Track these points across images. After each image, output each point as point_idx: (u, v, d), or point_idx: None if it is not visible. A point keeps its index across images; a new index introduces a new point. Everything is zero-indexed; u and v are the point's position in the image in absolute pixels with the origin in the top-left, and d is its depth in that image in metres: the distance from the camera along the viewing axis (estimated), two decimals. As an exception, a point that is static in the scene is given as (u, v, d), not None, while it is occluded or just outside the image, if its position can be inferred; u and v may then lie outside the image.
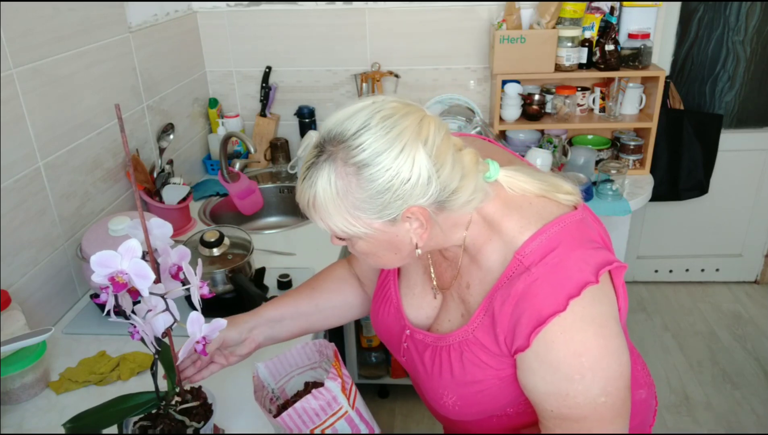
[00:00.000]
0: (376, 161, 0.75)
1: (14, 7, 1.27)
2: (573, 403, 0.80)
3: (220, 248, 1.42)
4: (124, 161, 1.69)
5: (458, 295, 0.93)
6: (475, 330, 0.87)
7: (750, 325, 2.72)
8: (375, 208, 0.77)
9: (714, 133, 2.52)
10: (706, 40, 2.56)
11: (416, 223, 0.80)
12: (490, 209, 0.85)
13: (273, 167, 2.32)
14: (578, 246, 0.81)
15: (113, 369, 1.22)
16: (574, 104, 2.22)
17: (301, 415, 0.86)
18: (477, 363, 0.87)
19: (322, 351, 1.05)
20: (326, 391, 0.87)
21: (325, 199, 0.77)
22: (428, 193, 0.77)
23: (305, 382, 1.06)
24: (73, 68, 1.47)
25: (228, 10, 2.23)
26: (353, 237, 0.82)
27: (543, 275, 0.79)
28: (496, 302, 0.84)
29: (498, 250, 0.85)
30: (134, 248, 0.75)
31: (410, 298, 1.00)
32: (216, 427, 1.01)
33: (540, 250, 0.81)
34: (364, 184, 0.75)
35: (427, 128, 0.78)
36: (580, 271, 0.79)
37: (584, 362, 0.78)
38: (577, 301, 0.77)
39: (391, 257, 0.86)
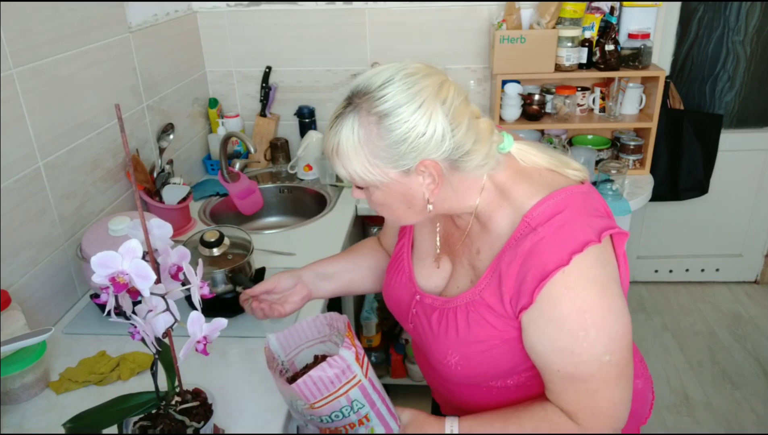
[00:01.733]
0: (396, 112, 0.81)
1: (14, 7, 1.27)
2: (578, 361, 0.84)
3: (220, 248, 1.42)
4: (124, 161, 1.69)
5: (468, 262, 0.97)
6: (482, 291, 0.91)
7: (750, 325, 2.72)
8: (392, 157, 0.83)
9: (714, 133, 2.52)
10: (706, 40, 2.56)
11: (429, 178, 0.86)
12: (503, 177, 0.91)
13: (273, 167, 2.33)
14: (583, 212, 0.87)
15: (113, 369, 1.22)
16: (574, 104, 2.22)
17: (315, 383, 0.87)
18: (482, 323, 0.91)
19: (333, 324, 1.06)
20: (341, 359, 0.88)
21: (347, 146, 0.84)
22: (441, 149, 0.83)
23: (315, 355, 1.07)
24: (73, 68, 1.47)
25: (228, 10, 2.23)
26: (371, 186, 0.88)
27: (549, 235, 0.84)
28: (503, 263, 0.88)
29: (508, 216, 0.90)
30: (135, 249, 0.75)
31: (421, 268, 1.05)
32: (216, 427, 1.02)
33: (547, 213, 0.86)
34: (383, 133, 0.82)
35: (446, 90, 0.85)
36: (584, 232, 0.84)
37: (588, 319, 0.83)
38: (579, 258, 0.82)
39: (404, 211, 0.91)
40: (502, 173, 0.91)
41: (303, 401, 0.89)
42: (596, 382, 0.86)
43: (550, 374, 0.88)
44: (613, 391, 0.87)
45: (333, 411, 0.90)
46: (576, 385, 0.87)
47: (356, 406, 0.90)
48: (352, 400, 0.90)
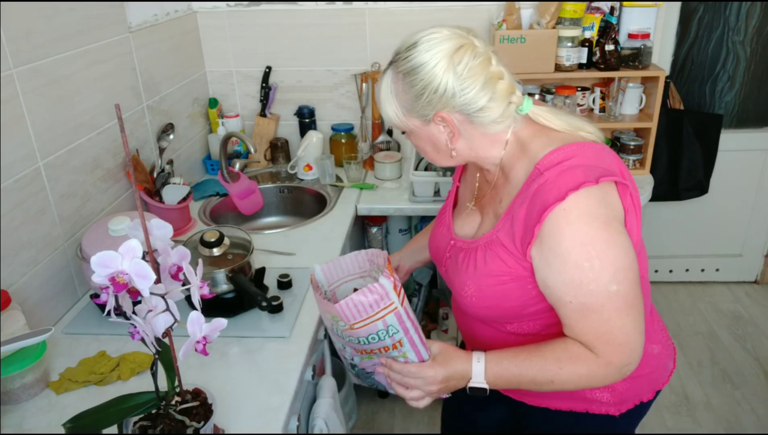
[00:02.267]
0: (415, 71, 0.96)
1: (14, 7, 1.27)
2: (587, 290, 0.92)
3: (220, 248, 1.42)
4: (124, 161, 1.69)
5: (493, 210, 1.09)
6: (498, 232, 1.02)
7: (750, 325, 2.72)
8: (413, 108, 0.99)
9: (714, 133, 2.52)
10: (706, 40, 2.56)
11: (446, 128, 1.00)
12: (524, 133, 1.02)
13: (273, 167, 2.33)
14: (591, 161, 0.95)
15: (113, 369, 1.22)
16: (574, 104, 2.22)
17: (356, 305, 0.95)
18: (496, 260, 1.02)
19: (373, 260, 1.15)
20: (380, 286, 0.95)
21: (382, 96, 1.03)
22: (452, 103, 0.97)
23: (354, 288, 1.13)
24: (73, 68, 1.47)
25: (228, 10, 2.23)
26: (407, 131, 1.05)
27: (552, 177, 0.94)
28: (515, 206, 0.99)
29: (524, 166, 1.01)
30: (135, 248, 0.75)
31: (459, 218, 1.19)
32: (216, 427, 1.02)
33: (555, 160, 0.96)
34: (407, 88, 0.98)
35: (461, 54, 0.95)
36: (583, 174, 0.92)
37: (591, 251, 0.91)
38: (575, 195, 0.90)
39: (434, 153, 1.07)
40: (524, 130, 1.02)
41: (343, 322, 0.98)
42: (607, 312, 0.93)
43: (564, 308, 0.96)
44: (624, 320, 0.94)
45: (370, 333, 0.99)
46: (589, 316, 0.94)
47: (391, 331, 0.98)
48: (387, 325, 0.97)
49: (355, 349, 1.05)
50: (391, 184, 2.14)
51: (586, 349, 0.97)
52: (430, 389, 1.02)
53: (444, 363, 1.02)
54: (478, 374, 1.01)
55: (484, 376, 1.01)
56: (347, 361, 1.13)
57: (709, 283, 3.02)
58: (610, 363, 0.96)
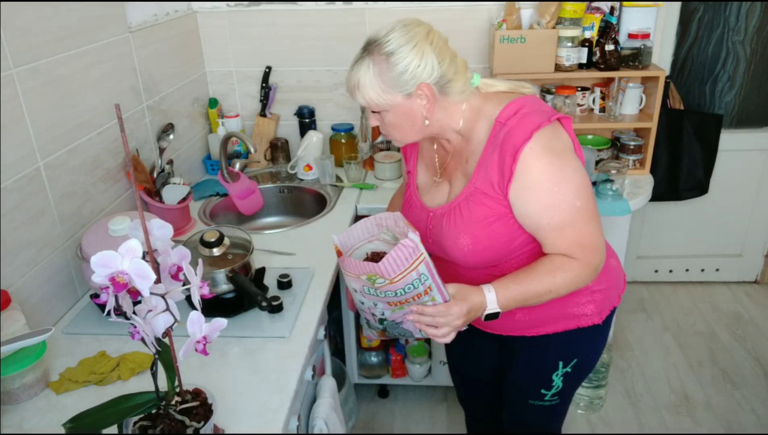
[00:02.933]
0: (399, 50, 1.11)
1: (14, 7, 1.27)
2: (560, 210, 1.12)
3: (220, 248, 1.42)
4: (124, 161, 1.69)
5: (461, 172, 1.24)
6: (475, 182, 1.19)
7: (750, 325, 2.72)
8: (398, 84, 1.13)
9: (714, 133, 2.53)
10: (706, 40, 2.56)
11: (424, 99, 1.15)
12: (476, 101, 1.21)
13: (273, 167, 2.33)
14: (537, 107, 1.17)
15: (113, 369, 1.22)
16: (574, 104, 2.22)
17: (395, 260, 1.06)
18: (479, 206, 1.18)
19: (381, 223, 1.22)
20: (410, 241, 1.06)
21: (365, 79, 1.14)
22: (432, 76, 1.13)
23: (366, 253, 1.23)
24: (73, 68, 1.47)
25: (228, 10, 2.23)
26: (383, 110, 1.17)
27: (515, 124, 1.13)
28: (486, 156, 1.17)
29: (484, 125, 1.19)
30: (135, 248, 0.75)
31: (427, 195, 1.33)
32: (216, 427, 1.02)
33: (511, 112, 1.15)
34: (391, 67, 1.12)
35: (432, 35, 1.16)
36: (539, 117, 1.13)
37: (557, 176, 1.12)
38: (538, 134, 1.10)
39: (409, 129, 1.20)
40: (475, 99, 1.21)
41: (383, 278, 1.09)
42: (578, 224, 1.14)
43: (543, 230, 1.15)
44: (591, 227, 1.16)
45: (407, 284, 1.09)
46: (565, 231, 1.14)
47: (423, 278, 1.09)
48: (420, 273, 1.08)
49: (389, 302, 1.15)
50: (391, 184, 2.14)
51: (567, 257, 1.16)
52: (456, 323, 1.13)
53: (463, 299, 1.14)
54: (491, 302, 1.15)
55: (496, 302, 1.15)
56: (376, 317, 1.21)
57: (709, 283, 3.02)
58: (589, 264, 1.16)
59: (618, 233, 2.30)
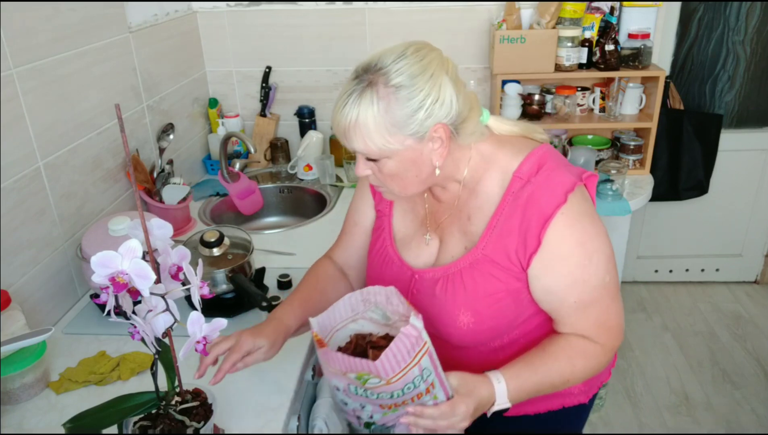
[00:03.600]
0: (412, 83, 0.89)
1: (14, 7, 1.27)
2: (590, 287, 0.96)
3: (220, 248, 1.42)
4: (124, 161, 1.69)
5: (459, 230, 1.05)
6: (484, 248, 0.99)
7: (750, 325, 2.72)
8: (410, 124, 0.90)
9: (714, 133, 2.52)
10: (706, 40, 2.56)
11: (438, 142, 0.93)
12: (486, 146, 1.01)
13: (273, 167, 2.32)
14: (561, 161, 1.00)
15: (113, 369, 1.22)
16: (574, 104, 2.22)
17: (395, 355, 0.86)
18: (488, 278, 0.99)
19: (369, 299, 1.02)
20: (412, 328, 0.87)
21: (367, 118, 0.89)
22: (450, 113, 0.92)
23: (350, 335, 1.03)
24: (73, 68, 1.47)
25: (228, 10, 2.23)
26: (384, 156, 0.93)
27: (542, 182, 0.96)
28: (503, 218, 0.98)
29: (496, 178, 1.00)
30: (135, 249, 0.75)
31: (407, 252, 1.11)
32: (216, 427, 1.02)
33: (534, 167, 0.97)
34: (403, 103, 0.89)
35: (447, 61, 0.94)
36: (568, 176, 0.97)
37: (588, 248, 0.95)
38: (573, 196, 0.94)
39: (413, 179, 0.97)
40: (484, 143, 1.01)
41: (378, 378, 0.87)
42: (605, 302, 0.98)
43: (568, 308, 0.98)
44: (617, 304, 1.01)
45: (406, 383, 0.89)
46: (590, 310, 0.98)
47: (426, 374, 0.90)
48: (423, 368, 0.89)
49: (382, 405, 0.93)
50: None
51: (587, 340, 1.00)
52: (461, 426, 0.94)
53: (469, 394, 0.94)
54: (501, 395, 0.96)
55: (506, 395, 0.96)
56: (362, 420, 0.99)
57: (709, 283, 3.02)
58: (611, 349, 1.02)
59: (618, 233, 2.31)
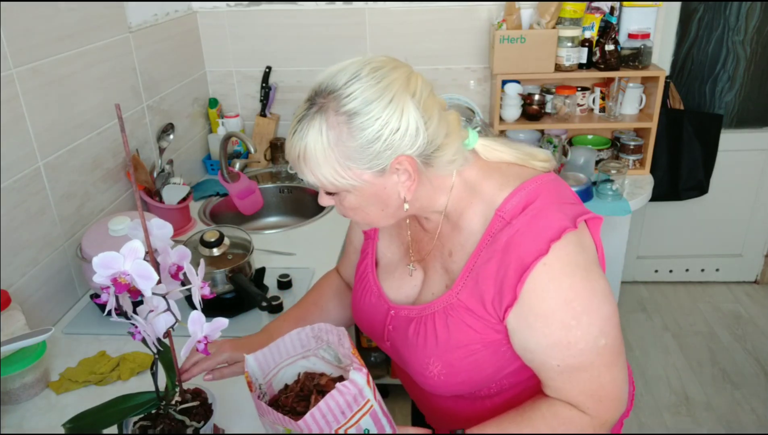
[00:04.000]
0: (366, 110, 0.76)
1: (14, 7, 1.27)
2: (576, 351, 0.81)
3: (220, 248, 1.42)
4: (124, 161, 1.69)
5: (441, 265, 0.93)
6: (459, 293, 0.87)
7: (750, 325, 2.72)
8: (365, 157, 0.78)
9: (714, 133, 2.52)
10: (706, 40, 2.56)
11: (404, 175, 0.81)
12: (471, 174, 0.88)
13: (273, 167, 2.32)
14: (556, 199, 0.84)
15: (113, 369, 1.22)
16: (574, 104, 2.22)
17: (325, 415, 0.75)
18: (462, 328, 0.87)
19: (321, 337, 0.93)
20: (352, 384, 0.77)
21: (315, 150, 0.78)
22: (416, 144, 0.79)
23: (298, 373, 0.94)
24: (73, 68, 1.47)
25: (228, 10, 2.23)
26: (342, 190, 0.82)
27: (523, 226, 0.81)
28: (479, 261, 0.85)
29: (479, 212, 0.87)
30: (137, 249, 0.75)
31: (390, 282, 1.00)
32: (216, 427, 1.01)
33: (520, 205, 0.83)
34: (355, 133, 0.76)
35: (414, 82, 0.80)
36: (558, 219, 0.81)
37: (576, 307, 0.80)
38: (558, 245, 0.79)
39: (378, 213, 0.86)
40: (470, 170, 0.88)
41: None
42: (597, 368, 0.84)
43: (550, 371, 0.85)
44: (614, 372, 0.85)
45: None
46: (578, 376, 0.84)
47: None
48: (363, 429, 0.79)
49: None
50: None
51: (576, 409, 0.87)
52: None
53: None
54: None
55: None
56: None
57: (709, 283, 3.02)
58: (604, 423, 0.87)
59: (618, 233, 2.31)
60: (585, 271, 0.81)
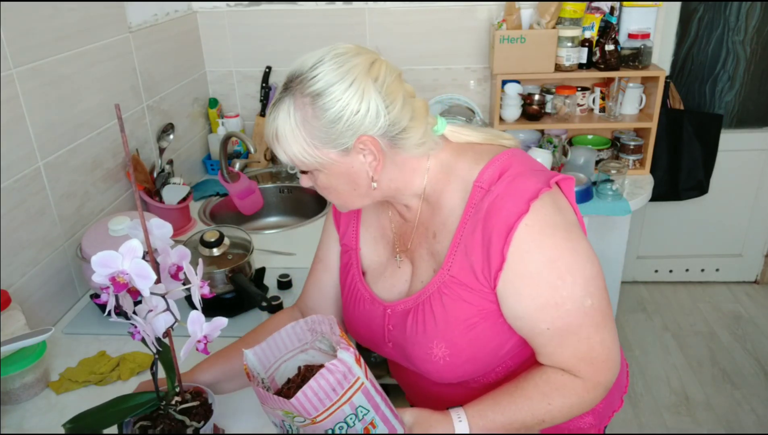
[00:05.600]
0: (328, 91, 0.82)
1: (14, 7, 1.27)
2: (564, 311, 0.85)
3: (220, 248, 1.42)
4: (124, 161, 1.69)
5: (427, 251, 0.96)
6: (450, 269, 0.90)
7: (750, 325, 2.72)
8: (329, 136, 0.84)
9: (714, 133, 2.52)
10: (706, 40, 2.56)
11: (370, 156, 0.86)
12: (445, 156, 0.93)
13: (273, 167, 2.32)
14: (528, 166, 0.90)
15: (113, 369, 1.22)
16: (574, 104, 2.22)
17: (316, 392, 0.78)
18: (458, 303, 0.90)
19: (315, 329, 0.96)
20: (340, 362, 0.79)
21: (285, 130, 0.85)
22: (377, 125, 0.84)
23: (298, 366, 0.97)
24: (73, 68, 1.47)
25: (228, 10, 2.23)
26: (314, 169, 0.88)
27: (502, 190, 0.86)
28: (465, 233, 0.89)
29: (457, 189, 0.91)
30: (135, 248, 0.75)
31: (381, 284, 1.03)
32: (216, 427, 1.01)
33: (495, 173, 0.88)
34: (319, 113, 0.83)
35: (378, 68, 0.86)
36: (533, 181, 0.86)
37: (561, 266, 0.84)
38: (536, 205, 0.83)
39: (350, 193, 0.91)
40: (443, 152, 0.93)
41: (303, 417, 0.80)
42: (586, 330, 0.87)
43: (540, 336, 0.88)
44: (604, 334, 0.88)
45: (337, 422, 0.81)
46: (568, 339, 0.87)
47: (361, 412, 0.83)
48: (356, 406, 0.82)
49: None
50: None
51: (569, 374, 0.89)
52: None
53: (425, 432, 0.88)
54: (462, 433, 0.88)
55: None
56: None
57: (709, 283, 3.02)
58: (597, 384, 0.90)
59: (618, 233, 2.30)
60: (565, 232, 0.85)
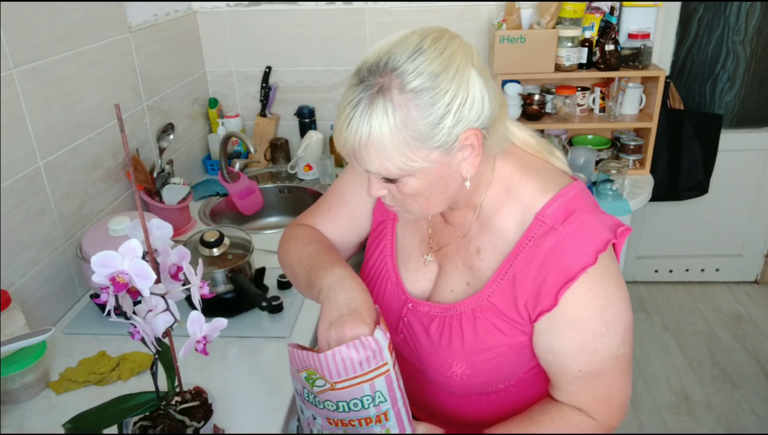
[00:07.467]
0: (435, 83, 0.72)
1: (14, 7, 1.27)
2: (599, 358, 0.83)
3: (220, 248, 1.42)
4: (124, 161, 1.69)
5: (464, 262, 0.91)
6: (491, 295, 0.86)
7: (750, 325, 2.72)
8: (436, 135, 0.73)
9: (714, 133, 2.52)
10: (706, 40, 2.56)
11: (468, 150, 0.77)
12: (509, 170, 0.87)
13: (273, 167, 2.32)
14: (592, 209, 0.85)
15: (113, 369, 1.22)
16: (574, 104, 2.22)
17: (344, 359, 0.77)
18: (491, 330, 0.87)
19: None
20: (374, 341, 0.77)
21: (381, 133, 0.72)
22: (482, 115, 0.76)
23: None
24: (73, 68, 1.47)
25: (228, 10, 2.23)
26: (406, 175, 0.77)
27: (570, 233, 0.81)
28: (518, 264, 0.84)
29: (516, 214, 0.86)
30: (135, 248, 0.75)
31: (406, 271, 0.98)
32: (216, 427, 1.01)
33: (561, 212, 0.83)
34: (424, 111, 0.72)
35: (471, 50, 0.77)
36: (602, 230, 0.82)
37: (608, 315, 0.82)
38: (604, 256, 0.80)
39: (438, 197, 0.82)
40: (507, 165, 0.86)
41: (323, 380, 0.81)
42: (612, 376, 0.86)
43: (568, 375, 0.85)
44: (625, 381, 0.87)
45: (353, 397, 0.81)
46: (594, 382, 0.85)
47: (378, 398, 0.81)
48: (375, 390, 0.80)
49: (329, 419, 0.85)
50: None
51: (585, 414, 0.88)
52: None
53: None
54: None
55: None
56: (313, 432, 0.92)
57: (709, 283, 3.02)
58: (610, 427, 0.89)
59: (618, 233, 2.30)
60: (618, 281, 0.84)
